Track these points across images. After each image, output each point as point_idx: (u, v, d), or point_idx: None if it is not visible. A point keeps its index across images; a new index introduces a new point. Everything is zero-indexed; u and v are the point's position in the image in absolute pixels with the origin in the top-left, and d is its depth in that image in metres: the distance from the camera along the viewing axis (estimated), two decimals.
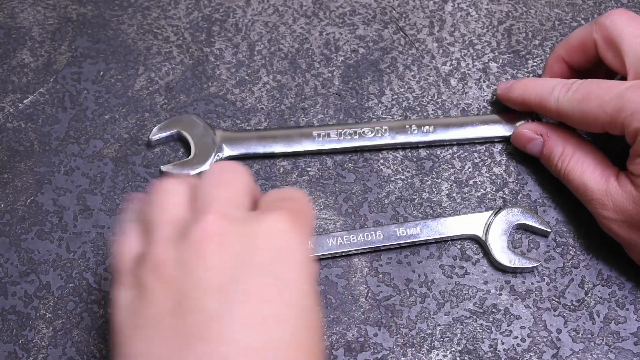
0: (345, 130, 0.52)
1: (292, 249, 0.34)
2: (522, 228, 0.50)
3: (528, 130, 0.50)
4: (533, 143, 0.50)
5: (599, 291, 0.48)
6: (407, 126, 0.52)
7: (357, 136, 0.52)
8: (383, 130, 0.52)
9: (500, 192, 0.51)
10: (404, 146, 0.52)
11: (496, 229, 0.49)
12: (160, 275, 0.33)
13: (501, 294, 0.48)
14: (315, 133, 0.52)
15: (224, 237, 0.33)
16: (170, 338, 0.31)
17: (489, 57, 0.56)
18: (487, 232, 0.49)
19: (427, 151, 0.53)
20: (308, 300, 0.33)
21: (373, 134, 0.52)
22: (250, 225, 0.34)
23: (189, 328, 0.31)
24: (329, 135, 0.52)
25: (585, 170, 0.47)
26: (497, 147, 0.53)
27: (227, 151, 0.51)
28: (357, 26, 0.57)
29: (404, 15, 0.58)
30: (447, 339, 0.47)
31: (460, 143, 0.53)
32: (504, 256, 0.48)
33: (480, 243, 0.49)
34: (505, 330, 0.47)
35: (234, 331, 0.31)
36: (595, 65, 0.50)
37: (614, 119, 0.44)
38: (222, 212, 0.34)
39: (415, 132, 0.52)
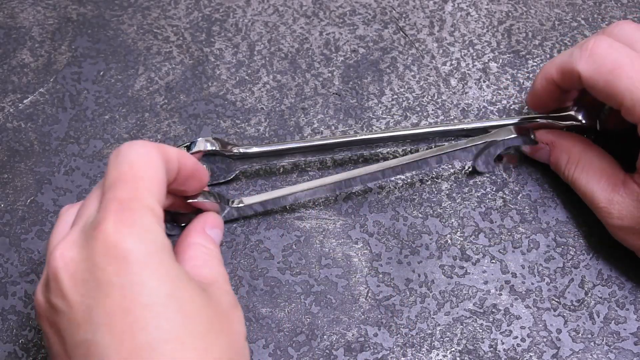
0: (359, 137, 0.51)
1: (127, 256, 0.34)
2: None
3: None
4: (540, 152, 0.50)
5: (599, 291, 0.48)
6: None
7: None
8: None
9: (500, 192, 0.51)
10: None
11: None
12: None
13: (501, 294, 0.48)
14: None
15: (72, 269, 0.35)
16: None
17: (489, 57, 0.56)
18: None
19: None
20: (166, 284, 0.34)
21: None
22: (89, 246, 0.35)
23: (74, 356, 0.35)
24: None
25: (590, 178, 0.47)
26: None
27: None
28: (357, 26, 0.57)
29: (404, 15, 0.58)
30: (447, 339, 0.47)
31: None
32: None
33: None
34: (505, 330, 0.47)
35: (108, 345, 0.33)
36: None
37: (637, 106, 0.43)
38: (69, 241, 0.36)
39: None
